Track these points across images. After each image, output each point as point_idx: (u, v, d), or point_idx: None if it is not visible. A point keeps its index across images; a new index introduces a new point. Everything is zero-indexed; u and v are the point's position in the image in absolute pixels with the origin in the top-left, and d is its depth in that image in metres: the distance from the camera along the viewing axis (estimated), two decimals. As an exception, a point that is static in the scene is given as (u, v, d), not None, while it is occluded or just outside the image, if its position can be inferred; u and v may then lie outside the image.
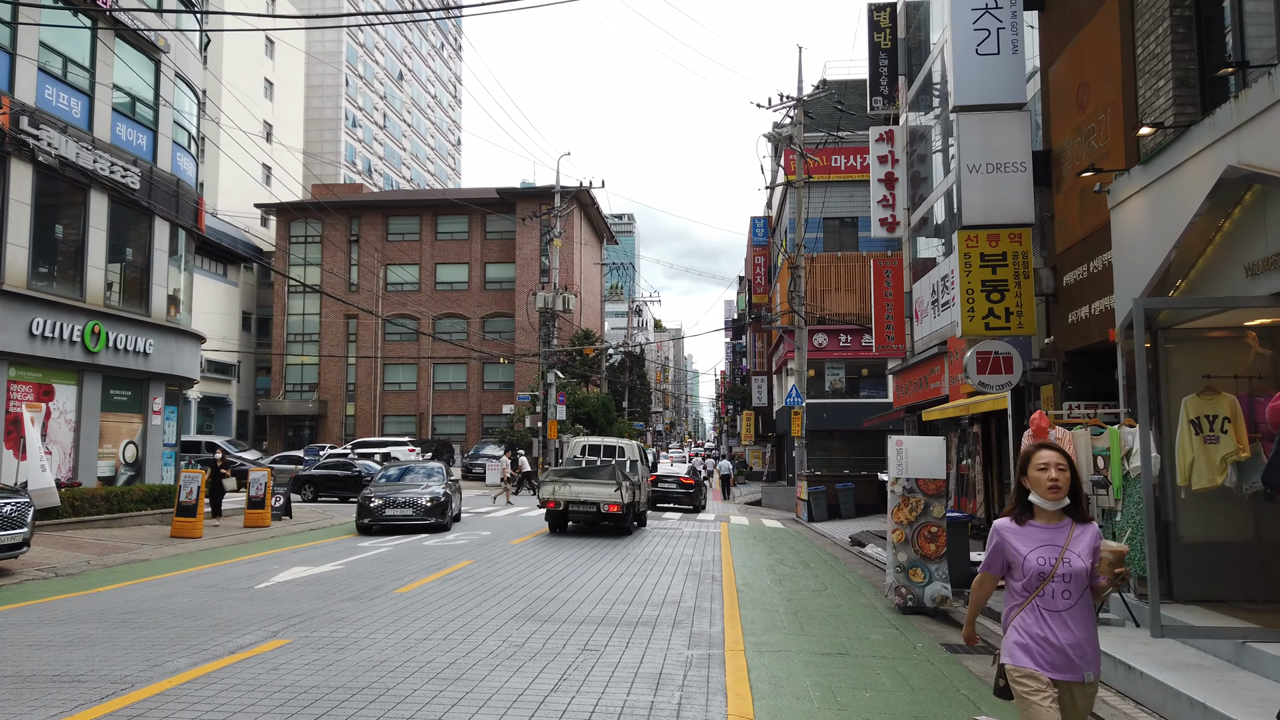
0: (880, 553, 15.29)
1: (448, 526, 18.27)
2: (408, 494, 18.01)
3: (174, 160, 20.92)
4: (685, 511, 26.74)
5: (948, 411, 17.11)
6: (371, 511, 17.61)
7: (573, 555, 14.23)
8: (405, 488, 18.48)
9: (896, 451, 10.25)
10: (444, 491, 18.39)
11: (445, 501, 18.20)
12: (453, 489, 19.32)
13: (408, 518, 17.63)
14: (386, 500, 17.76)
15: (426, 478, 19.43)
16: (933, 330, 22.17)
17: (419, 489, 18.34)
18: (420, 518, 17.65)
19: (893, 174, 25.09)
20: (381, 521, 17.60)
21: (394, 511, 17.66)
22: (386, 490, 18.37)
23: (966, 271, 10.56)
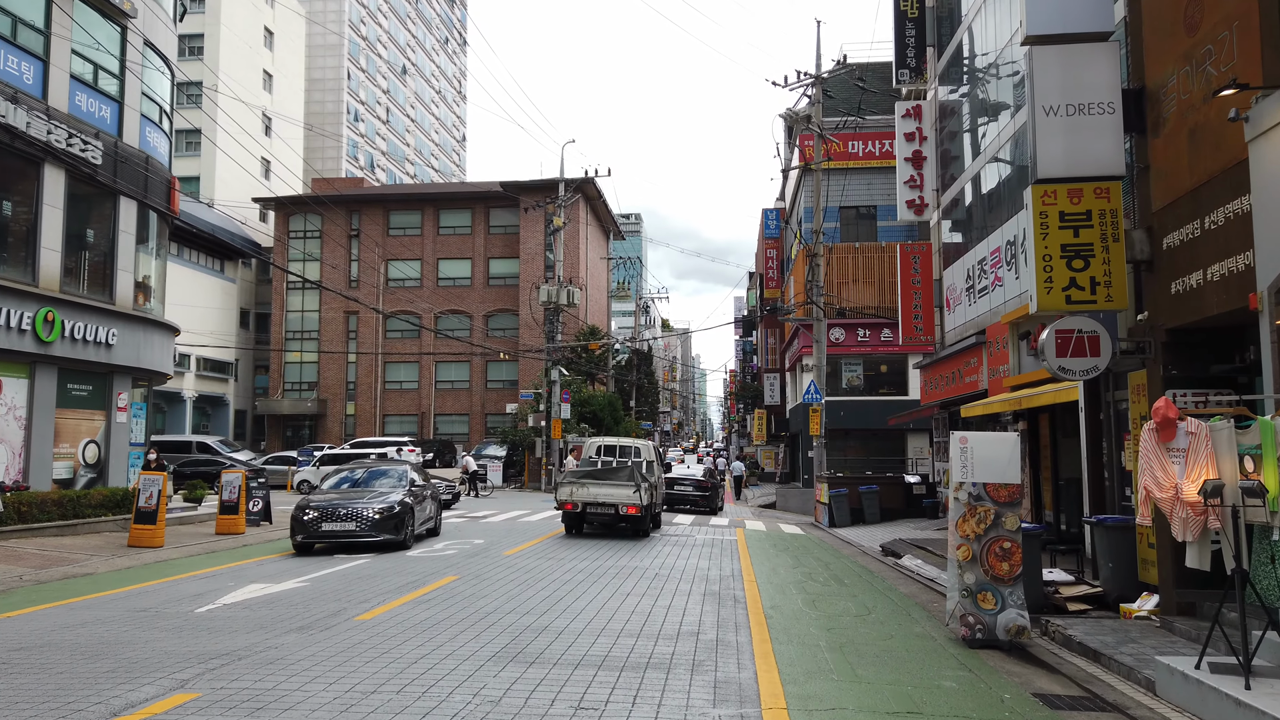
0: (921, 565, 13.51)
1: (405, 544, 14.64)
2: (354, 504, 14.48)
3: (142, 135, 19.25)
4: (702, 513, 25.94)
5: (992, 407, 15.32)
6: (306, 526, 14.22)
7: (572, 570, 12.49)
8: (353, 496, 14.98)
9: (960, 451, 8.47)
10: (401, 501, 14.87)
11: (400, 514, 14.60)
12: (421, 496, 15.98)
13: (350, 534, 14.17)
14: (325, 512, 14.31)
15: (385, 483, 15.87)
16: (968, 319, 20.37)
17: (369, 498, 14.88)
18: (367, 533, 14.19)
19: (920, 152, 23.29)
20: (318, 539, 14.28)
21: (334, 526, 14.20)
22: (328, 500, 14.78)
23: (1043, 234, 8.77)
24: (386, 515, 14.49)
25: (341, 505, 14.48)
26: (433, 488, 17.21)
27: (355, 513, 14.34)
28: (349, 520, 14.25)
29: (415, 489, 15.85)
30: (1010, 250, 17.04)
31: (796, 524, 24.05)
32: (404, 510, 14.82)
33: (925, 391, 24.17)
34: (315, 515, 14.35)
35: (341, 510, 14.36)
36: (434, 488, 17.34)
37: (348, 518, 14.27)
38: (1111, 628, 8.38)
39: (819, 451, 26.43)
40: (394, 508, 14.66)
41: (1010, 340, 16.92)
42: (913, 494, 23.76)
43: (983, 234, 19.08)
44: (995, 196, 18.43)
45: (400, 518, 14.68)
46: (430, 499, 16.62)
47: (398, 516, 14.63)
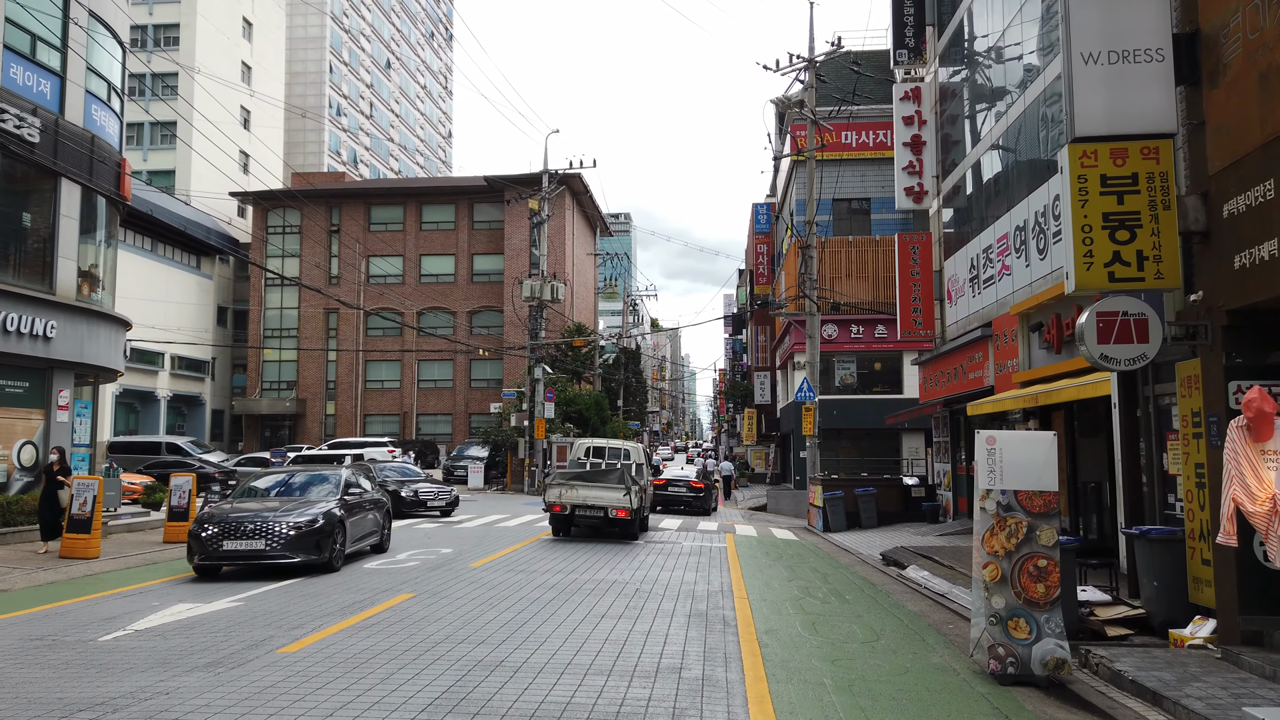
0: (928, 578, 12.29)
1: (330, 565, 12.00)
2: (265, 518, 11.75)
3: (87, 113, 17.87)
4: (695, 515, 26.07)
5: (1003, 404, 14.13)
6: (204, 545, 11.52)
7: (543, 585, 11.22)
8: (267, 508, 12.18)
9: (988, 453, 7.24)
10: (326, 513, 12.18)
11: (323, 529, 11.93)
12: (356, 507, 13.27)
13: (258, 554, 11.50)
14: (227, 527, 11.60)
15: (314, 491, 13.13)
16: (972, 311, 19.18)
17: (286, 509, 12.10)
18: (279, 553, 11.51)
19: (919, 137, 22.11)
20: (220, 560, 11.67)
21: (237, 544, 11.51)
22: (234, 512, 12.00)
23: (1081, 201, 7.55)
24: (305, 531, 11.76)
25: (249, 519, 11.73)
26: (378, 497, 14.73)
27: (265, 528, 11.61)
28: (256, 537, 11.53)
29: (350, 498, 13.22)
30: (1020, 236, 15.86)
31: (789, 528, 22.84)
32: (329, 525, 12.11)
33: (924, 389, 23.00)
34: (215, 531, 11.60)
35: (248, 525, 11.63)
36: (380, 497, 14.87)
37: (255, 534, 11.56)
38: (1165, 660, 7.17)
39: (812, 452, 25.24)
40: (315, 521, 11.95)
41: (1020, 333, 15.74)
42: (911, 497, 22.58)
43: (987, 221, 17.90)
44: (1003, 180, 17.25)
45: (323, 534, 11.96)
46: (372, 509, 14.09)
47: (320, 532, 11.90)
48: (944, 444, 21.96)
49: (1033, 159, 15.51)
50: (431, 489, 22.48)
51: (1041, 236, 14.83)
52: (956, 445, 21.23)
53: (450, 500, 22.61)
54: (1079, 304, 13.24)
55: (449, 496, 22.69)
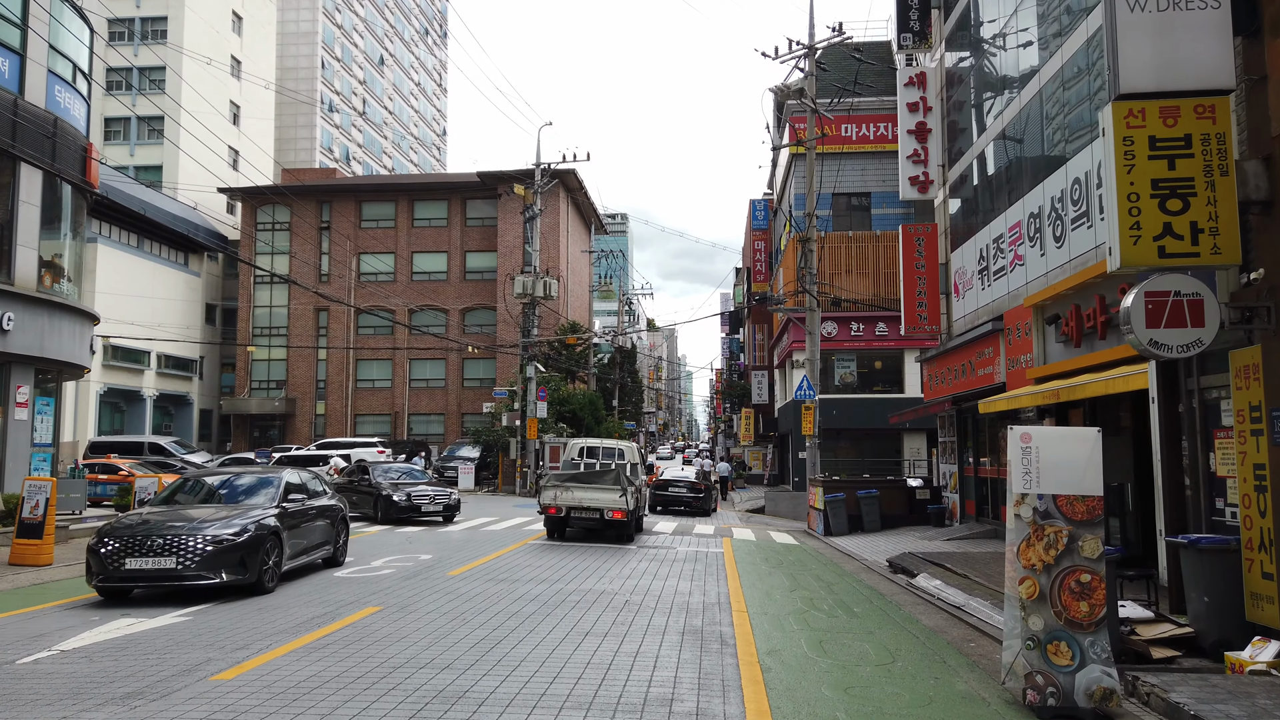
0: (941, 588, 11.40)
1: (260, 586, 10.19)
2: (178, 530, 9.88)
3: (50, 95, 16.95)
4: (694, 515, 25.94)
5: (1020, 401, 13.23)
6: (103, 562, 9.63)
7: (524, 596, 10.31)
8: (184, 518, 10.33)
9: (1022, 453, 6.35)
10: (257, 524, 10.33)
11: (250, 543, 10.07)
12: (300, 516, 11.52)
13: (168, 574, 9.58)
14: (131, 541, 9.69)
15: (249, 497, 11.25)
16: (981, 305, 18.31)
17: (205, 519, 10.20)
18: (193, 572, 9.60)
19: (925, 124, 21.23)
20: (120, 581, 9.67)
21: (142, 563, 9.55)
22: (143, 523, 10.13)
23: (1127, 166, 6.67)
24: (227, 545, 9.84)
25: (159, 531, 9.82)
26: (330, 503, 12.88)
27: (177, 542, 9.68)
28: (166, 554, 9.59)
29: (291, 505, 11.38)
30: (1034, 224, 14.99)
31: (788, 532, 21.95)
32: (258, 537, 10.19)
33: (929, 387, 22.13)
34: (115, 547, 9.65)
35: (156, 539, 9.69)
36: (333, 502, 13.03)
37: (166, 550, 9.61)
38: (1227, 689, 6.28)
39: (812, 452, 24.35)
40: (242, 533, 10.04)
41: (1034, 326, 14.87)
42: (915, 499, 21.67)
43: (998, 209, 17.04)
44: (1014, 166, 16.38)
45: (250, 548, 10.03)
46: (321, 518, 12.28)
47: (246, 547, 9.98)
48: (950, 444, 21.08)
49: (1048, 143, 14.64)
50: (427, 493, 20.31)
51: (1058, 223, 13.96)
52: (963, 445, 20.35)
53: (449, 504, 20.49)
54: (1101, 294, 12.38)
55: (447, 500, 20.50)
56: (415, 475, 22.18)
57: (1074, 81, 13.47)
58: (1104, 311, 12.20)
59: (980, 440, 19.32)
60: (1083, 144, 12.99)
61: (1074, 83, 13.48)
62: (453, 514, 20.65)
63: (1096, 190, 12.54)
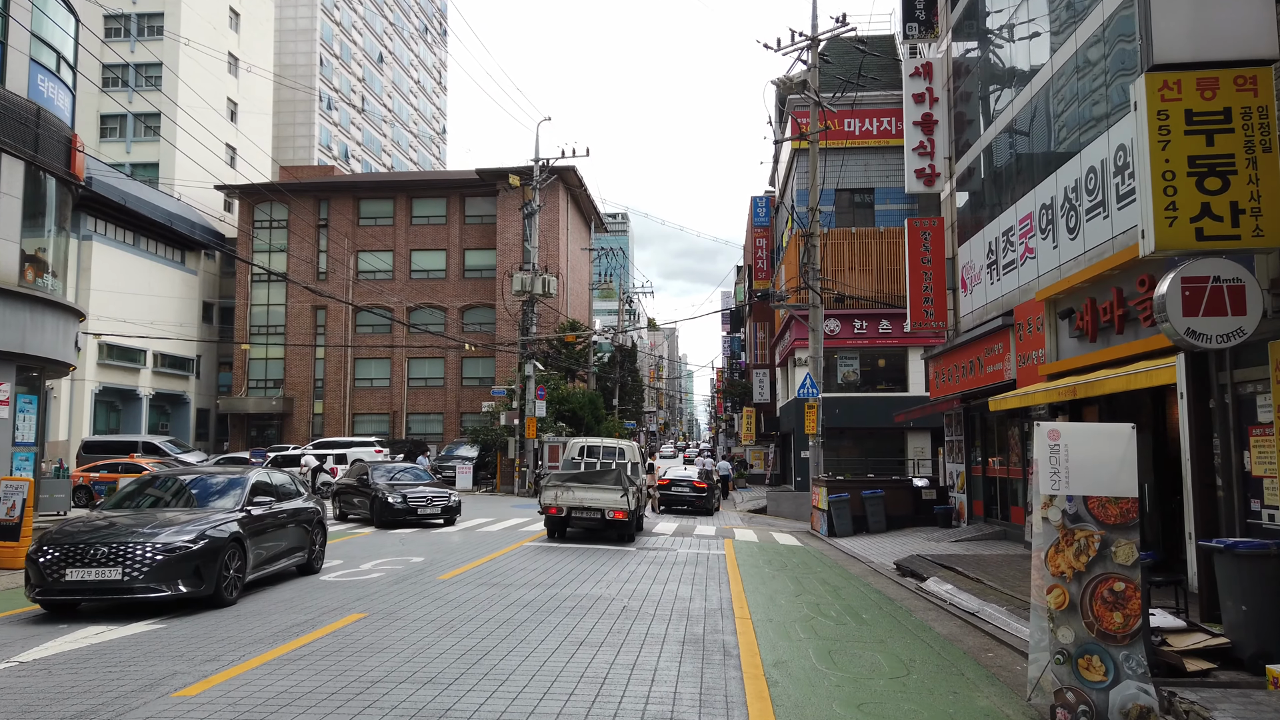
0: (953, 593, 10.91)
1: (220, 599, 9.30)
2: (126, 537, 8.93)
3: (32, 83, 16.47)
4: (698, 514, 26.11)
5: (1034, 398, 12.75)
6: (42, 573, 8.78)
7: (517, 602, 9.83)
8: (136, 523, 9.34)
9: (1050, 450, 5.87)
10: (214, 529, 9.42)
11: (207, 551, 9.14)
12: (269, 521, 10.64)
13: (113, 586, 8.69)
14: (73, 550, 8.81)
15: (204, 499, 10.39)
16: (990, 300, 17.81)
17: (157, 525, 9.28)
18: (141, 585, 8.71)
19: (931, 115, 20.73)
20: (60, 593, 8.78)
21: (85, 574, 8.70)
22: (89, 529, 9.20)
23: (1162, 142, 6.20)
24: (180, 554, 8.91)
25: (104, 538, 8.89)
26: (304, 505, 11.93)
27: (124, 551, 8.75)
28: (111, 563, 8.67)
29: (258, 508, 10.46)
30: (1046, 215, 14.51)
31: (791, 533, 21.47)
32: (215, 545, 9.27)
33: (935, 385, 21.63)
34: (56, 556, 8.79)
35: (100, 547, 8.76)
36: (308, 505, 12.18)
37: (111, 559, 8.69)
38: (1272, 706, 5.80)
39: (815, 451, 23.86)
40: (197, 540, 9.11)
41: (1047, 320, 14.39)
42: (921, 499, 21.18)
43: (1008, 201, 16.56)
44: (1025, 156, 15.90)
45: (206, 557, 9.10)
46: (294, 522, 11.42)
47: (202, 555, 9.06)
48: (957, 443, 20.59)
49: (1061, 132, 14.16)
50: (424, 494, 19.41)
51: (1072, 214, 13.48)
52: (971, 444, 19.86)
53: (448, 506, 19.61)
54: (1119, 286, 11.90)
55: (445, 502, 19.64)
56: (419, 476, 21.38)
57: (1088, 68, 12.99)
58: (1121, 305, 11.72)
59: (989, 439, 18.83)
60: (1098, 131, 12.52)
61: (1088, 69, 13.00)
62: (453, 516, 19.86)
63: (1112, 179, 12.06)
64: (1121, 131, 11.74)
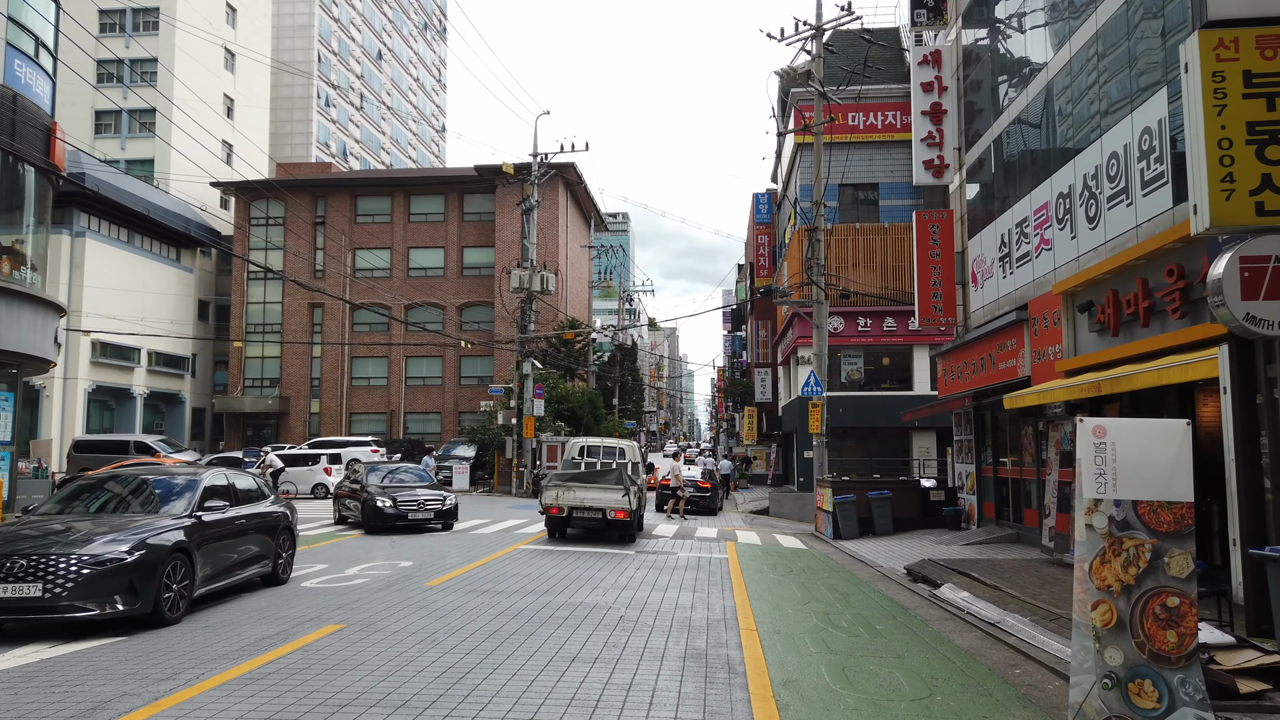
0: (970, 600, 10.29)
1: (160, 617, 8.20)
2: (47, 548, 7.88)
3: (8, 69, 15.87)
4: (702, 514, 26.32)
5: (1053, 395, 12.13)
6: None
7: (507, 611, 9.21)
8: (59, 531, 8.35)
9: (1095, 449, 5.26)
10: (155, 538, 8.33)
11: (146, 563, 8.08)
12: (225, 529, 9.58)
13: (30, 605, 7.63)
14: None
15: (148, 504, 9.33)
16: (1002, 294, 17.19)
17: (87, 535, 8.20)
18: (64, 604, 7.67)
19: (940, 105, 20.12)
20: None
21: None
22: (10, 540, 8.06)
23: (1217, 107, 5.59)
24: (111, 569, 7.88)
25: (24, 549, 7.85)
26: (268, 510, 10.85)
27: (45, 564, 7.72)
28: (31, 578, 7.63)
29: (210, 514, 9.35)
30: (1064, 205, 13.89)
31: (795, 535, 20.86)
32: (156, 556, 8.17)
33: (944, 382, 21.01)
34: None
35: (19, 560, 7.72)
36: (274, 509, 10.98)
37: (29, 573, 7.65)
38: (1345, 737, 5.19)
39: (819, 451, 23.24)
40: (133, 553, 8.04)
41: (1064, 315, 13.78)
42: (930, 501, 20.55)
43: (1022, 191, 15.95)
44: (1041, 144, 15.28)
45: (143, 570, 8.02)
46: (257, 529, 10.34)
47: (138, 569, 7.99)
48: (966, 443, 19.97)
49: (1080, 116, 13.55)
50: (415, 498, 18.19)
51: (1092, 203, 12.86)
52: (981, 444, 19.25)
53: (442, 509, 18.39)
54: (1144, 277, 11.28)
55: (439, 505, 18.39)
56: (421, 477, 20.13)
57: (1112, 49, 12.38)
58: (1147, 296, 11.11)
59: (1000, 439, 18.21)
60: (1120, 115, 11.91)
61: (1111, 49, 12.38)
62: (449, 520, 18.68)
63: (1136, 165, 11.46)
64: (1147, 113, 11.14)
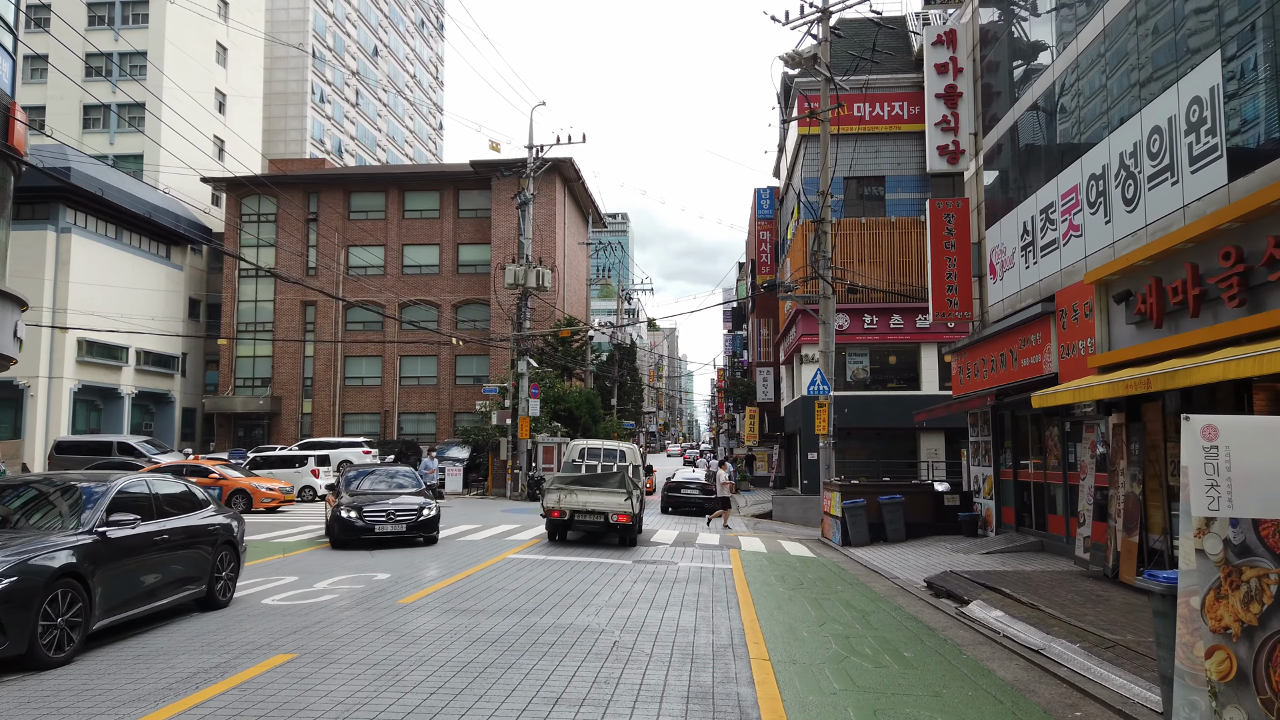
0: (1006, 622, 9.21)
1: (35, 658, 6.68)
2: None
3: (-39, 43, 14.81)
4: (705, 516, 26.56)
5: (1092, 392, 11.03)
6: None
7: (486, 636, 8.13)
8: None
9: (1205, 454, 4.18)
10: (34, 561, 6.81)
11: (17, 593, 6.54)
12: (134, 541, 8.01)
13: None
14: None
15: (38, 516, 7.92)
16: (1025, 286, 16.11)
17: None
18: None
19: (955, 87, 19.04)
20: None
21: None
22: None
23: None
24: None
25: None
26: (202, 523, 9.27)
27: None
28: None
29: (118, 529, 7.83)
30: (1096, 187, 12.82)
31: (801, 541, 19.79)
32: (29, 584, 6.65)
33: (959, 380, 19.94)
34: None
35: None
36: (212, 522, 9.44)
37: None
38: None
39: (826, 453, 22.16)
40: None
41: (1097, 305, 12.70)
42: (944, 505, 19.47)
43: (1042, 179, 14.89)
44: (1069, 124, 14.21)
45: (13, 602, 6.52)
46: (188, 547, 8.87)
47: (7, 599, 6.49)
48: (983, 444, 18.90)
49: (1114, 91, 12.47)
50: (383, 511, 15.29)
51: (1129, 184, 11.80)
52: (1000, 445, 18.18)
53: (418, 522, 15.48)
54: (1194, 261, 10.20)
55: (413, 518, 15.45)
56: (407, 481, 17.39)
57: (1155, 10, 11.31)
58: (1197, 283, 10.04)
59: (1021, 440, 17.14)
60: (1165, 84, 10.84)
61: (1155, 11, 11.31)
62: (427, 534, 15.75)
63: (1183, 139, 10.40)
64: (1197, 81, 10.08)
